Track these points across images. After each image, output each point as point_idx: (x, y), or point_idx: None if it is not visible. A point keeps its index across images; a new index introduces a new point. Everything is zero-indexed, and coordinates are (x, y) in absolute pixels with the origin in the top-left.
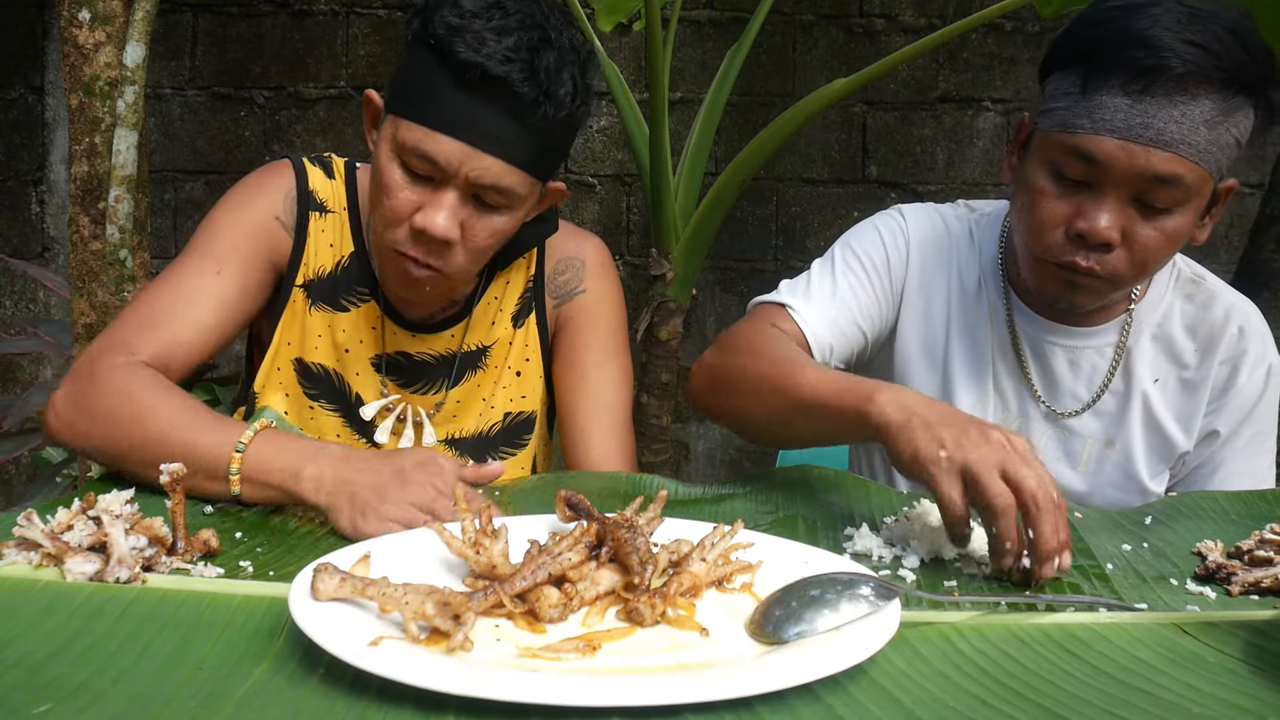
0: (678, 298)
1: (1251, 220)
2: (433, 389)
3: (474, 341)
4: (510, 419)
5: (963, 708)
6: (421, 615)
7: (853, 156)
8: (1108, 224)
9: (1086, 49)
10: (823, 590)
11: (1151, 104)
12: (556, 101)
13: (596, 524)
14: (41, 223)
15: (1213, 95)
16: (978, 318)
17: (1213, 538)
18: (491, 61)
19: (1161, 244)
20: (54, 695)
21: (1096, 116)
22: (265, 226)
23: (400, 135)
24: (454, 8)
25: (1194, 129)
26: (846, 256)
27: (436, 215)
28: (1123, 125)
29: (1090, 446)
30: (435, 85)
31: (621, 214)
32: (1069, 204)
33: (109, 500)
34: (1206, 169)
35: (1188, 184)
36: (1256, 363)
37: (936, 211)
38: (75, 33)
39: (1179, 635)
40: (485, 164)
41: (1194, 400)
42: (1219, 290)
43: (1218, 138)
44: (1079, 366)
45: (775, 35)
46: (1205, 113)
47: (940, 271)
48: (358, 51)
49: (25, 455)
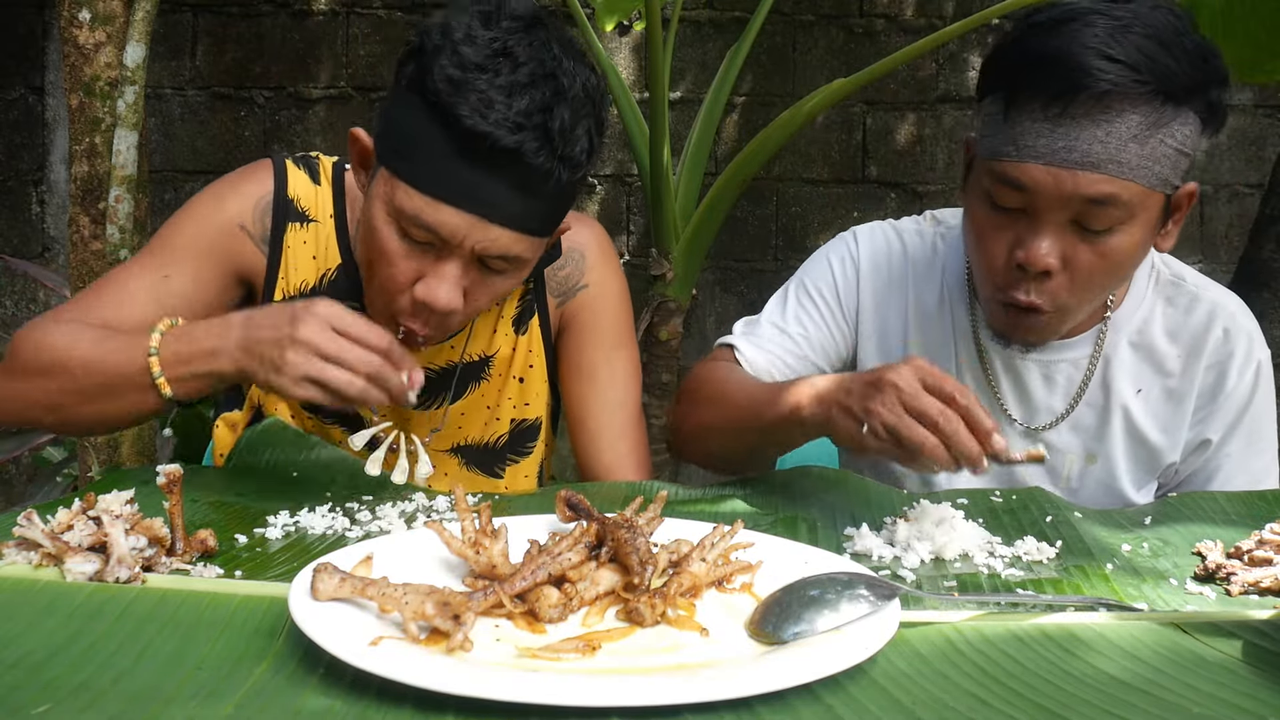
0: (678, 298)
1: (1251, 220)
2: (433, 404)
3: (475, 351)
4: (516, 426)
5: (963, 708)
6: (421, 615)
7: (853, 156)
8: (1045, 251)
9: (1006, 72)
10: (823, 590)
11: (1073, 125)
12: (571, 164)
13: (596, 524)
14: (41, 223)
15: (1138, 109)
16: (941, 336)
17: (1213, 538)
18: (501, 130)
19: (1105, 266)
20: (54, 695)
21: (1021, 143)
22: (227, 232)
23: (398, 200)
24: (454, 56)
25: (1121, 146)
26: (799, 292)
27: (439, 288)
28: (1046, 150)
29: (1071, 462)
30: (436, 148)
31: (621, 214)
32: (1009, 233)
33: (109, 500)
34: (1143, 184)
35: (1124, 202)
36: (1244, 364)
37: (893, 229)
38: (75, 33)
39: (1179, 635)
40: (493, 235)
41: (1180, 409)
42: (1201, 290)
43: (1151, 151)
44: (1054, 380)
45: (775, 35)
46: (1132, 128)
47: (895, 292)
48: (358, 51)
49: (25, 455)
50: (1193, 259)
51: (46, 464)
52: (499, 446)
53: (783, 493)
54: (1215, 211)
